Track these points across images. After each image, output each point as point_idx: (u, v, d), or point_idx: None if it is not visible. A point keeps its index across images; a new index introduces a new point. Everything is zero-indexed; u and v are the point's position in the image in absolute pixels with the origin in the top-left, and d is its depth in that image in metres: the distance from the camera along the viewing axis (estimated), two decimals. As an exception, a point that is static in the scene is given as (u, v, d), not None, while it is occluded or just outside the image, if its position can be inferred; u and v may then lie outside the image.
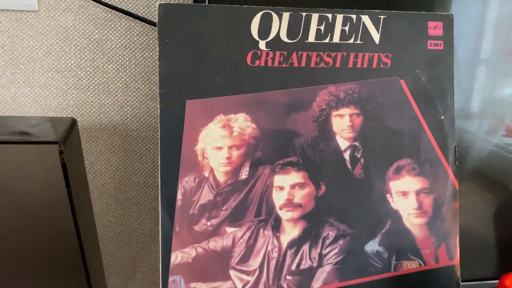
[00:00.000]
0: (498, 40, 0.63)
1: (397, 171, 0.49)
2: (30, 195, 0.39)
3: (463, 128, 0.66)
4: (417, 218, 0.48)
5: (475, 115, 0.66)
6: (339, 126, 0.48)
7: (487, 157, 0.65)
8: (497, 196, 0.65)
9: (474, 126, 0.67)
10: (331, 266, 0.47)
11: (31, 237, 0.44)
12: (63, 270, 0.50)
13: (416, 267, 0.48)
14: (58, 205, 0.40)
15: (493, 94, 0.66)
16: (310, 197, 0.47)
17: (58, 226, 0.42)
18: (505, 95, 0.67)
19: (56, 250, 0.47)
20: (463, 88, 0.66)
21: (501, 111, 0.66)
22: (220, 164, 0.46)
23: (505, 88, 0.67)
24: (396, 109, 0.49)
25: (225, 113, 0.46)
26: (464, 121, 0.66)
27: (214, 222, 0.46)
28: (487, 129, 0.67)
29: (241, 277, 0.46)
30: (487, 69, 0.66)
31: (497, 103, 0.66)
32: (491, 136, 0.68)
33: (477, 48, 0.65)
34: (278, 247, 0.46)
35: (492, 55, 0.66)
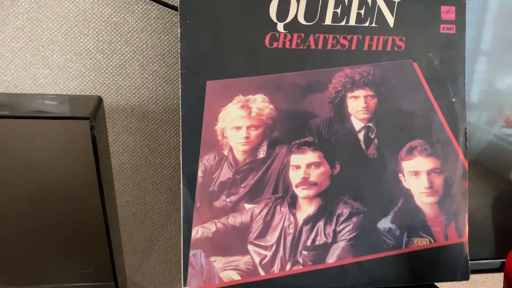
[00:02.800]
0: (499, 31, 0.64)
1: (409, 152, 0.50)
2: (59, 171, 0.40)
3: None
4: (428, 197, 0.50)
5: (475, 106, 0.67)
6: (354, 107, 0.49)
7: (486, 148, 0.66)
8: (496, 186, 0.66)
9: (473, 117, 0.68)
10: (345, 242, 0.49)
11: (58, 213, 0.45)
12: (87, 247, 0.51)
13: (427, 244, 0.50)
14: (86, 182, 0.41)
15: (493, 85, 0.67)
16: (325, 176, 0.49)
17: (85, 202, 0.44)
18: (505, 86, 0.68)
19: (82, 226, 0.49)
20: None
21: (501, 102, 0.67)
22: (239, 143, 0.47)
23: (504, 79, 0.68)
24: (409, 91, 0.50)
25: (244, 94, 0.48)
26: None
27: (233, 198, 0.47)
28: (486, 119, 0.68)
29: (258, 252, 0.47)
30: (487, 59, 0.67)
31: (497, 94, 0.67)
32: (490, 127, 0.69)
33: (478, 38, 0.66)
34: (294, 224, 0.48)
35: (492, 46, 0.67)
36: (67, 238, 0.51)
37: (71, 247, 0.51)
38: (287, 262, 0.48)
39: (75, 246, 0.50)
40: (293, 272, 0.48)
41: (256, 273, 0.47)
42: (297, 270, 0.48)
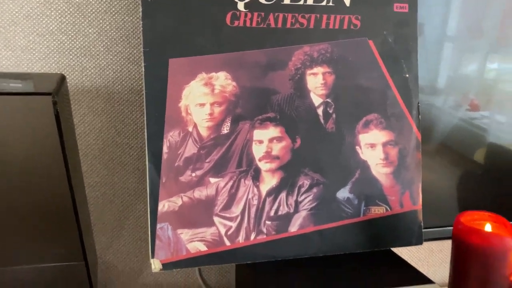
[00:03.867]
0: (464, 18, 0.67)
1: (366, 125, 0.53)
2: (23, 150, 0.40)
3: (430, 103, 0.70)
4: (384, 168, 0.53)
5: (442, 90, 0.70)
6: (313, 84, 0.52)
7: (452, 131, 0.70)
8: (461, 166, 0.70)
9: (440, 101, 0.71)
10: (306, 212, 0.51)
11: (25, 192, 0.46)
12: (56, 227, 0.52)
13: (383, 212, 0.53)
14: (52, 160, 0.42)
15: (459, 71, 0.70)
16: (287, 149, 0.51)
17: (52, 181, 0.44)
18: (470, 71, 0.71)
19: (49, 206, 0.49)
20: (431, 65, 0.70)
21: (466, 86, 0.70)
22: (203, 119, 0.49)
23: (469, 64, 0.71)
24: (365, 68, 0.53)
25: (206, 72, 0.49)
26: (431, 96, 0.70)
27: (199, 173, 0.49)
28: (452, 104, 0.71)
29: (224, 223, 0.49)
30: (453, 46, 0.70)
31: (462, 79, 0.70)
32: (456, 111, 0.72)
33: (444, 25, 0.69)
34: (258, 195, 0.50)
35: (458, 32, 0.70)
36: (35, 218, 0.52)
37: (39, 228, 0.52)
38: (251, 232, 0.50)
39: (43, 226, 0.51)
40: (258, 242, 0.50)
41: (222, 244, 0.49)
42: (261, 240, 0.50)
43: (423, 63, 0.69)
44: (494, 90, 0.71)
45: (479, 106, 0.72)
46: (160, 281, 0.66)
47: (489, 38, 0.69)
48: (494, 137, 0.72)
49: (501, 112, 0.72)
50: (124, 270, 0.65)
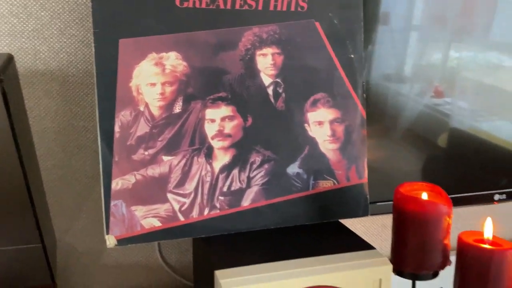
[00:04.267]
0: (428, 7, 0.70)
1: (314, 104, 0.55)
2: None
3: (396, 90, 0.73)
4: (331, 144, 0.56)
5: (407, 78, 0.73)
6: (263, 64, 0.54)
7: (417, 117, 0.73)
8: (426, 151, 0.74)
9: (406, 89, 0.74)
10: (258, 187, 0.53)
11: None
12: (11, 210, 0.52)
13: (331, 185, 0.56)
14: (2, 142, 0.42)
15: (423, 59, 0.74)
16: (238, 128, 0.53)
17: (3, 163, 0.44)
18: (434, 59, 0.75)
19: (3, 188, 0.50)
20: (397, 53, 0.73)
21: (430, 74, 0.74)
22: (155, 99, 0.50)
23: (434, 53, 0.75)
24: (312, 48, 0.55)
25: (157, 52, 0.50)
26: (397, 84, 0.73)
27: (151, 151, 0.50)
28: (417, 91, 0.75)
29: (178, 199, 0.51)
30: (418, 34, 0.73)
31: (427, 66, 0.74)
32: (421, 98, 0.76)
33: (410, 15, 0.71)
34: (211, 172, 0.52)
35: (423, 21, 0.73)
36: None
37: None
38: (205, 208, 0.52)
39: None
40: (211, 216, 0.52)
41: (176, 219, 0.51)
42: (215, 214, 0.52)
43: (390, 51, 0.72)
44: (457, 78, 0.75)
45: (443, 93, 0.75)
46: (120, 262, 0.67)
47: (452, 27, 0.72)
48: (457, 122, 0.76)
49: (463, 98, 0.76)
50: (84, 252, 0.66)
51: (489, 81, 0.77)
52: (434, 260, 0.49)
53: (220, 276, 0.43)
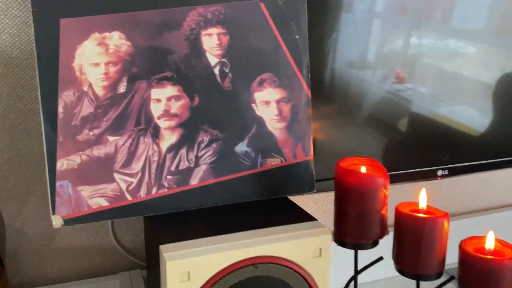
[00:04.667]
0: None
1: (260, 84, 0.57)
2: None
3: (359, 77, 0.75)
4: (278, 123, 0.58)
5: (370, 65, 0.75)
6: (208, 44, 0.54)
7: (380, 102, 0.75)
8: (387, 135, 0.76)
9: (369, 75, 0.76)
10: (206, 166, 0.54)
11: None
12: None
13: (279, 163, 0.58)
14: None
15: (385, 46, 0.75)
16: (185, 107, 0.54)
17: None
18: (396, 46, 0.77)
19: None
20: (360, 40, 0.74)
21: (392, 60, 0.76)
22: (98, 79, 0.50)
23: (395, 39, 0.77)
24: (258, 29, 0.56)
25: (99, 31, 0.50)
26: (360, 70, 0.75)
27: (96, 132, 0.50)
28: (380, 77, 0.77)
29: (125, 179, 0.51)
30: (380, 22, 0.75)
31: (389, 53, 0.75)
32: (383, 83, 0.78)
33: (372, 2, 0.73)
34: (158, 152, 0.53)
35: (385, 9, 0.75)
36: None
37: None
38: (153, 187, 0.52)
39: None
40: (159, 195, 0.53)
41: (124, 198, 0.51)
42: (163, 193, 0.53)
43: (353, 39, 0.73)
44: (418, 64, 0.77)
45: (404, 79, 0.78)
46: (74, 245, 0.67)
47: (413, 14, 0.74)
48: (417, 107, 0.78)
49: (424, 84, 0.79)
50: (35, 236, 0.65)
51: (448, 68, 0.80)
52: (373, 230, 0.52)
53: (164, 250, 0.44)
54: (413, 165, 0.77)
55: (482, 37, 0.80)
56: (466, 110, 0.81)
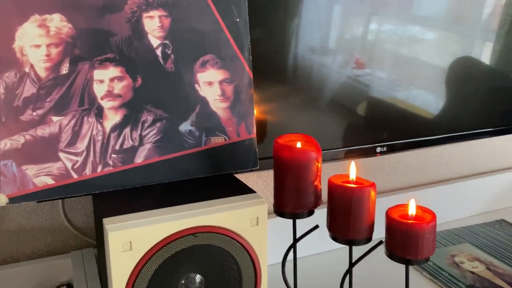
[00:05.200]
0: None
1: (203, 65, 0.59)
2: None
3: (321, 63, 0.77)
4: (221, 103, 0.60)
5: (331, 50, 0.77)
6: (150, 26, 0.56)
7: (340, 88, 0.78)
8: (347, 118, 0.80)
9: (329, 61, 0.79)
10: (150, 145, 0.57)
11: None
12: None
13: (222, 141, 0.61)
14: None
15: (346, 32, 0.78)
16: (128, 88, 0.55)
17: None
18: (356, 32, 0.79)
19: None
20: (322, 26, 0.76)
21: (352, 46, 0.78)
22: (40, 60, 0.51)
23: (355, 26, 0.79)
24: (199, 12, 0.58)
25: (40, 13, 0.51)
26: (322, 56, 0.77)
27: (40, 112, 0.52)
28: (340, 62, 0.79)
29: (70, 158, 0.53)
30: (341, 8, 0.77)
31: (349, 39, 0.78)
32: (343, 69, 0.81)
33: None
34: (102, 132, 0.54)
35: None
36: None
37: None
38: (98, 165, 0.54)
39: None
40: (105, 173, 0.55)
41: (69, 176, 0.53)
42: (108, 171, 0.55)
43: (314, 25, 0.75)
44: (377, 50, 0.80)
45: (363, 64, 0.81)
46: (24, 226, 0.68)
47: (371, 0, 0.76)
48: (375, 91, 0.82)
49: (382, 69, 0.83)
50: (-16, 219, 0.66)
51: (406, 53, 0.84)
52: (308, 200, 0.56)
53: (107, 222, 0.46)
54: (354, 143, 0.81)
55: (438, 23, 0.85)
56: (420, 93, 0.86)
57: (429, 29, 0.85)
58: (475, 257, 0.86)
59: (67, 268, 0.68)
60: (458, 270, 0.81)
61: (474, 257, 0.86)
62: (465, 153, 1.05)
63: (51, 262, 0.68)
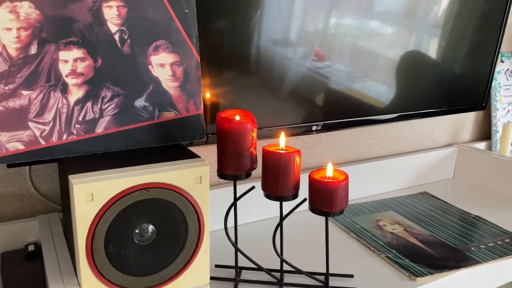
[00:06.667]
0: None
1: (156, 49, 0.68)
2: None
3: (283, 54, 0.84)
4: (172, 83, 0.70)
5: (292, 43, 0.84)
6: (109, 14, 0.65)
7: (301, 79, 0.86)
8: (306, 109, 0.90)
9: (290, 53, 0.86)
10: (109, 117, 0.66)
11: None
12: None
13: (173, 116, 0.70)
14: None
15: (306, 25, 0.82)
16: (89, 68, 0.64)
17: None
18: (317, 24, 0.86)
19: None
20: (284, 19, 0.83)
21: (313, 39, 0.85)
22: (11, 41, 0.59)
23: (315, 19, 0.84)
24: (152, 2, 0.67)
25: (11, 1, 0.58)
26: (283, 48, 0.82)
27: (11, 86, 0.59)
28: (301, 55, 0.87)
29: (38, 127, 0.61)
30: (302, 1, 0.84)
31: (310, 32, 0.85)
32: (304, 61, 0.89)
33: None
34: (67, 105, 0.63)
35: None
36: None
37: None
38: (63, 134, 0.63)
39: None
40: (69, 141, 0.63)
41: (38, 143, 0.61)
42: (72, 139, 0.63)
43: (276, 17, 0.81)
44: (336, 43, 0.86)
45: (324, 57, 0.90)
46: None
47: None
48: (334, 83, 0.91)
49: (340, 61, 0.91)
50: (-44, 185, 0.72)
51: (364, 46, 0.90)
52: (245, 164, 0.67)
53: (72, 178, 0.55)
54: (294, 122, 0.93)
55: (392, 18, 0.94)
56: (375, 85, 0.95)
57: (385, 24, 0.94)
58: (396, 221, 1.00)
59: (34, 230, 0.76)
60: (380, 232, 0.95)
61: (395, 221, 1.00)
62: (395, 134, 1.19)
63: (19, 224, 0.75)
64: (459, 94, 1.14)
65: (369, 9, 0.92)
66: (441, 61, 1.07)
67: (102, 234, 0.57)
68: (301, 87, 0.90)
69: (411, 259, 0.83)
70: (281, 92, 0.88)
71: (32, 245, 0.74)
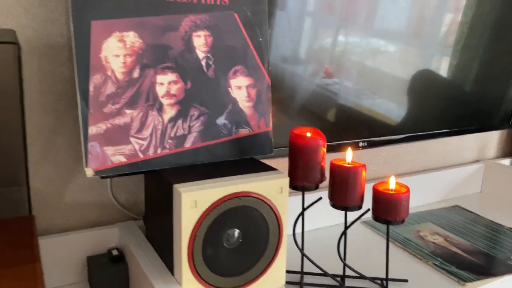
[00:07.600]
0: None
1: (234, 73, 0.77)
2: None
3: (293, 72, 0.90)
4: (247, 103, 0.78)
5: (302, 60, 0.87)
6: (198, 43, 0.73)
7: (311, 96, 0.92)
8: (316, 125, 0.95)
9: (301, 70, 0.92)
10: (196, 133, 0.73)
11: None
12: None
13: (247, 132, 0.78)
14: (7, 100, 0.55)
15: (316, 43, 0.87)
16: (181, 90, 0.72)
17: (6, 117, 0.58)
18: (325, 43, 0.92)
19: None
20: (293, 37, 0.89)
21: (322, 56, 0.91)
22: (118, 67, 0.67)
23: (324, 37, 0.88)
24: (233, 32, 0.76)
25: (120, 31, 0.67)
26: (293, 65, 0.87)
27: (117, 106, 0.67)
28: (311, 72, 0.93)
29: (138, 142, 0.69)
30: (311, 20, 0.91)
31: (319, 50, 0.90)
32: (313, 78, 0.95)
33: (304, 1, 0.87)
34: (162, 122, 0.71)
35: (315, 7, 0.91)
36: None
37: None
38: (158, 148, 0.70)
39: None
40: (163, 154, 0.71)
41: (137, 156, 0.69)
42: (165, 153, 0.71)
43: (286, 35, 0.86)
44: (344, 60, 0.91)
45: (332, 74, 0.96)
46: (78, 201, 0.82)
47: (339, 14, 0.86)
48: (343, 99, 0.98)
49: (350, 79, 0.97)
50: (49, 193, 0.79)
51: (371, 64, 0.95)
52: (315, 176, 0.74)
53: (178, 187, 0.63)
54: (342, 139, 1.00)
55: (400, 37, 0.99)
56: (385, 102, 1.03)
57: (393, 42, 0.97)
58: (435, 232, 1.07)
59: (114, 236, 0.83)
60: (423, 241, 1.02)
61: (434, 232, 1.07)
62: (428, 151, 1.27)
63: (102, 231, 0.82)
64: (488, 113, 1.22)
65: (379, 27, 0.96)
66: (473, 83, 1.15)
67: (200, 238, 0.64)
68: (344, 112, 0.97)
69: (457, 266, 0.90)
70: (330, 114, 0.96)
71: (115, 249, 0.81)
